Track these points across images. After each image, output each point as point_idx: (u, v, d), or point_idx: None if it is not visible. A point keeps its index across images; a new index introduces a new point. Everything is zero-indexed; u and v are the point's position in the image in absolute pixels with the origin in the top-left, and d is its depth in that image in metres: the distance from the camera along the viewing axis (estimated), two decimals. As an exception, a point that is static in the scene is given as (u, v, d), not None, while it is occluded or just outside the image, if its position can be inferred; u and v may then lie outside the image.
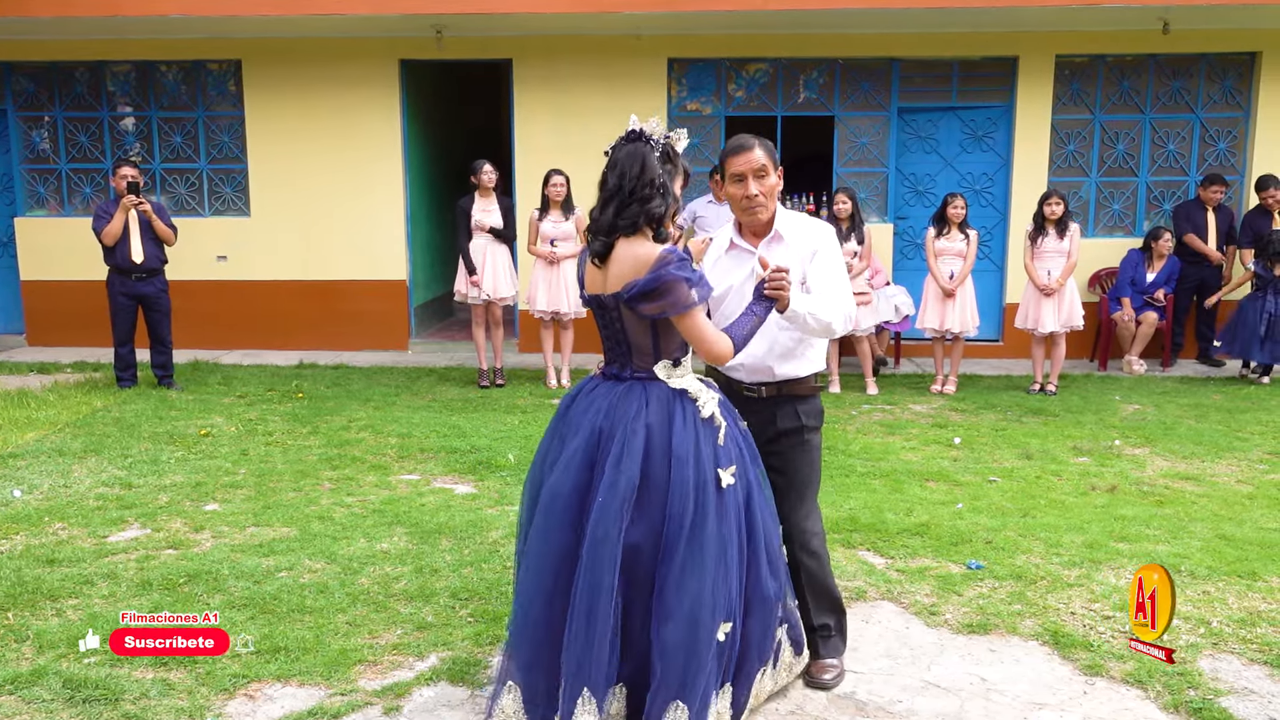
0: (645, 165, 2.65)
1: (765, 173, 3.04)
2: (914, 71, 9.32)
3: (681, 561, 2.57)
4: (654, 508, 2.60)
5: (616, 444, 2.62)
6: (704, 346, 2.68)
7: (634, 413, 2.65)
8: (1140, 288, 8.70)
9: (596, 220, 2.70)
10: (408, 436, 6.27)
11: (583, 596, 2.56)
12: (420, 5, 8.40)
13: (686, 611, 2.56)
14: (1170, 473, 5.65)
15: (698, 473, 2.62)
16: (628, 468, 2.58)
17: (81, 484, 5.25)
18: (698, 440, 2.65)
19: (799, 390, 3.12)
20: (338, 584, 3.95)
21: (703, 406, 2.70)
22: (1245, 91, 9.24)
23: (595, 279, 2.75)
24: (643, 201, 2.63)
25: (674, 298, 2.60)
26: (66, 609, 3.71)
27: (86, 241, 7.84)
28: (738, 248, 3.15)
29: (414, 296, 9.91)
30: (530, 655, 2.66)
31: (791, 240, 3.10)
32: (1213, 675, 3.30)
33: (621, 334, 2.73)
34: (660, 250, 2.63)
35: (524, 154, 9.36)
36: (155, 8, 8.47)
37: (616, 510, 2.56)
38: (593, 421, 2.68)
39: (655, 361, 2.73)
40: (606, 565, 2.55)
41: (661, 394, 2.69)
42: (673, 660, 2.55)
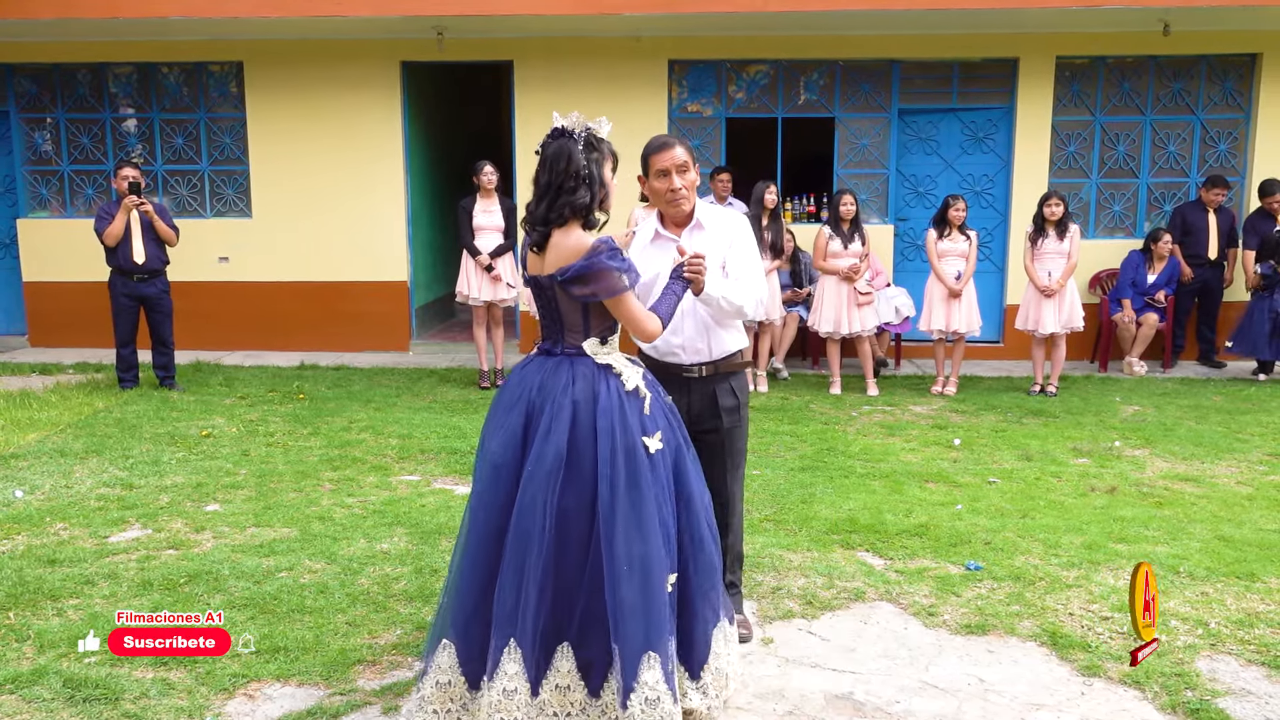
0: (570, 159, 2.81)
1: (686, 168, 3.31)
2: (914, 73, 9.34)
3: (624, 524, 2.71)
4: (584, 475, 2.75)
5: (545, 418, 2.78)
6: (636, 326, 2.88)
7: (561, 387, 2.81)
8: (1141, 289, 8.70)
9: (532, 213, 2.88)
10: (408, 437, 6.29)
11: (511, 557, 2.71)
12: (421, 7, 8.42)
13: (638, 570, 2.69)
14: (1170, 474, 5.65)
15: (626, 440, 2.77)
16: (555, 440, 2.74)
17: (83, 484, 5.26)
18: (623, 410, 2.80)
19: (732, 367, 3.42)
20: (338, 584, 3.96)
21: (626, 380, 2.85)
22: (1246, 93, 9.24)
23: (534, 263, 2.93)
24: (569, 193, 2.81)
25: (606, 284, 2.79)
26: (67, 609, 3.72)
27: (88, 242, 7.86)
28: (662, 237, 3.41)
29: (415, 298, 9.92)
30: (465, 616, 2.79)
31: (711, 229, 3.37)
32: (1210, 676, 3.30)
33: (556, 312, 2.89)
34: (593, 240, 2.82)
35: (525, 155, 9.37)
36: (156, 9, 8.49)
37: (543, 479, 2.71)
38: (527, 396, 2.84)
39: (585, 338, 2.89)
40: (535, 530, 2.70)
41: (587, 369, 2.85)
42: (633, 617, 2.68)
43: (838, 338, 7.94)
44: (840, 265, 7.78)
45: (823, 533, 4.59)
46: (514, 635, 2.69)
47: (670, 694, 2.69)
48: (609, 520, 2.70)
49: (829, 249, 7.81)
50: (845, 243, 7.78)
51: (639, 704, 2.66)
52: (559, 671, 2.74)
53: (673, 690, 2.70)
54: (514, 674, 2.69)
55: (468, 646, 2.79)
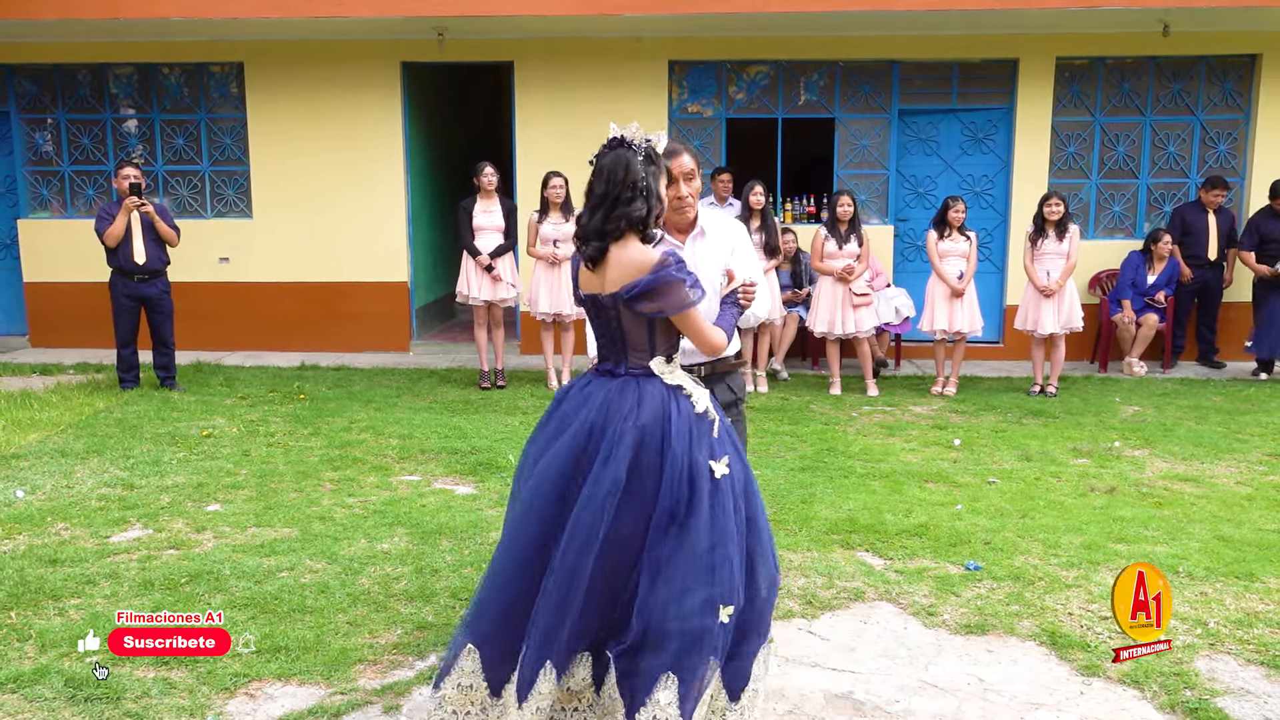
0: (629, 169, 2.75)
1: (693, 176, 3.31)
2: (914, 74, 9.34)
3: (671, 549, 2.66)
4: (645, 500, 2.69)
5: (607, 441, 2.71)
6: (703, 339, 2.82)
7: (627, 410, 2.74)
8: (1141, 290, 8.71)
9: (584, 226, 2.80)
10: (409, 437, 6.29)
11: (558, 579, 2.65)
12: (421, 8, 8.43)
13: (676, 596, 2.64)
14: (1169, 474, 5.66)
15: (691, 466, 2.71)
16: (614, 467, 2.67)
17: (84, 485, 5.27)
18: (691, 435, 2.74)
19: (727, 368, 3.42)
20: (338, 584, 3.96)
21: (696, 402, 2.80)
22: (1245, 93, 9.25)
23: (591, 280, 2.85)
24: (625, 204, 2.74)
25: (674, 298, 2.72)
26: (69, 609, 3.73)
27: (89, 243, 7.86)
28: (666, 243, 3.38)
29: (415, 298, 9.93)
30: (493, 625, 2.75)
31: (713, 236, 3.39)
32: (1209, 676, 3.31)
33: (618, 332, 2.81)
34: (659, 254, 2.75)
35: (525, 156, 9.38)
36: (157, 10, 8.50)
37: (600, 503, 2.65)
38: (586, 416, 2.77)
39: (650, 357, 2.82)
40: (588, 551, 2.64)
41: (656, 391, 2.78)
42: (669, 637, 2.63)
43: (834, 338, 7.95)
44: (834, 266, 7.80)
45: (822, 533, 4.60)
46: (551, 658, 2.65)
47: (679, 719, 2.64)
48: (656, 543, 2.65)
49: (825, 250, 7.84)
50: (841, 244, 7.80)
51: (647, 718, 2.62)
52: (573, 677, 2.73)
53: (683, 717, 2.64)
54: (546, 693, 2.67)
55: (493, 652, 2.75)
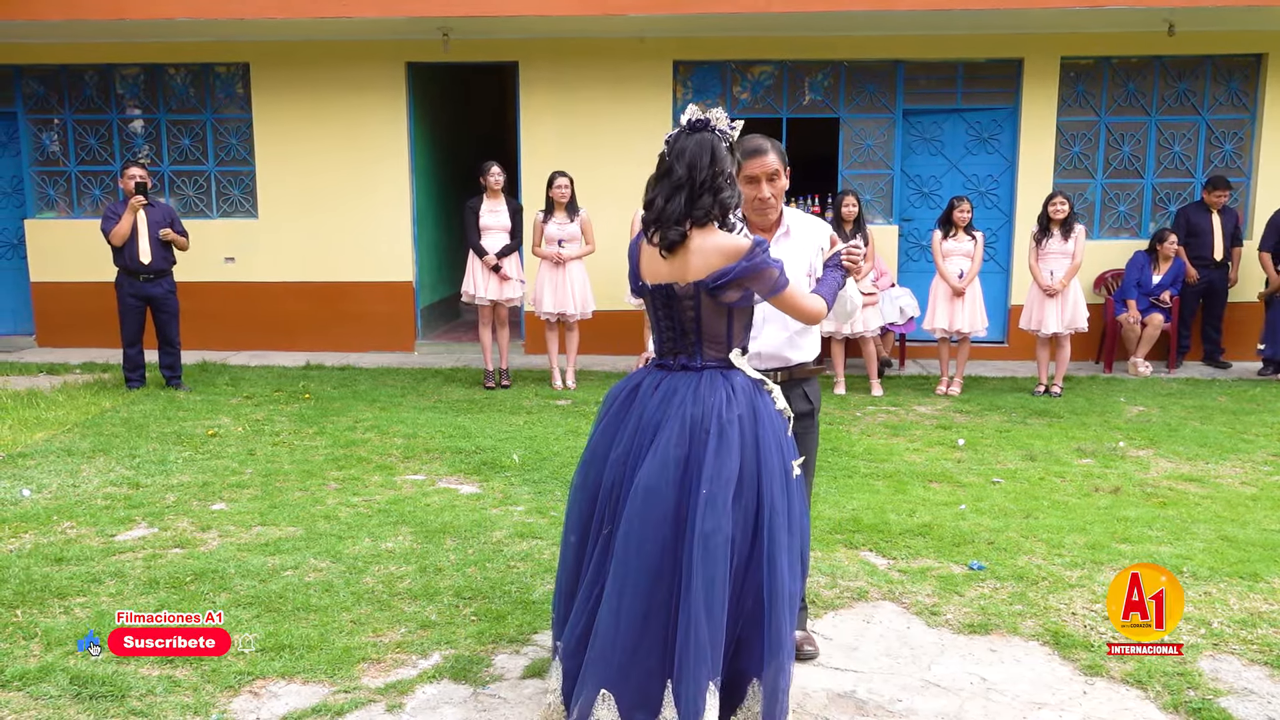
0: (715, 154, 2.63)
1: (777, 176, 3.15)
2: (919, 74, 9.34)
3: (785, 549, 2.62)
4: (747, 499, 2.60)
5: (714, 435, 2.57)
6: (803, 312, 2.78)
7: (724, 401, 2.62)
8: (1146, 289, 8.70)
9: (662, 209, 2.64)
10: (413, 437, 6.31)
11: (700, 591, 2.49)
12: (426, 8, 8.44)
13: (786, 596, 2.62)
14: (1174, 474, 5.65)
15: (783, 465, 2.67)
16: (729, 461, 2.55)
17: (90, 483, 5.29)
18: (778, 431, 2.70)
19: (806, 374, 3.28)
20: (343, 583, 3.97)
21: (776, 399, 2.76)
22: (1251, 93, 9.23)
23: (661, 269, 2.70)
24: (715, 192, 2.62)
25: (769, 282, 2.67)
26: (74, 607, 3.75)
27: (95, 243, 7.89)
28: None
29: (420, 298, 9.95)
30: (626, 659, 2.54)
31: (799, 236, 3.27)
32: (1213, 676, 3.30)
33: (694, 322, 2.69)
34: (750, 240, 2.66)
35: (529, 156, 9.39)
36: (163, 11, 8.52)
37: (723, 503, 2.52)
38: (684, 411, 2.62)
39: (729, 350, 2.73)
40: (719, 558, 2.51)
41: (743, 384, 2.70)
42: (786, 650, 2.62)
43: (840, 338, 7.95)
44: None
45: (826, 532, 4.60)
46: (711, 677, 2.49)
47: None
48: (774, 550, 2.58)
49: None
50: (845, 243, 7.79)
51: None
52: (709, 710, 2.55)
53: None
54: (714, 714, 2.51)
55: (630, 694, 2.53)
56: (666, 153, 2.69)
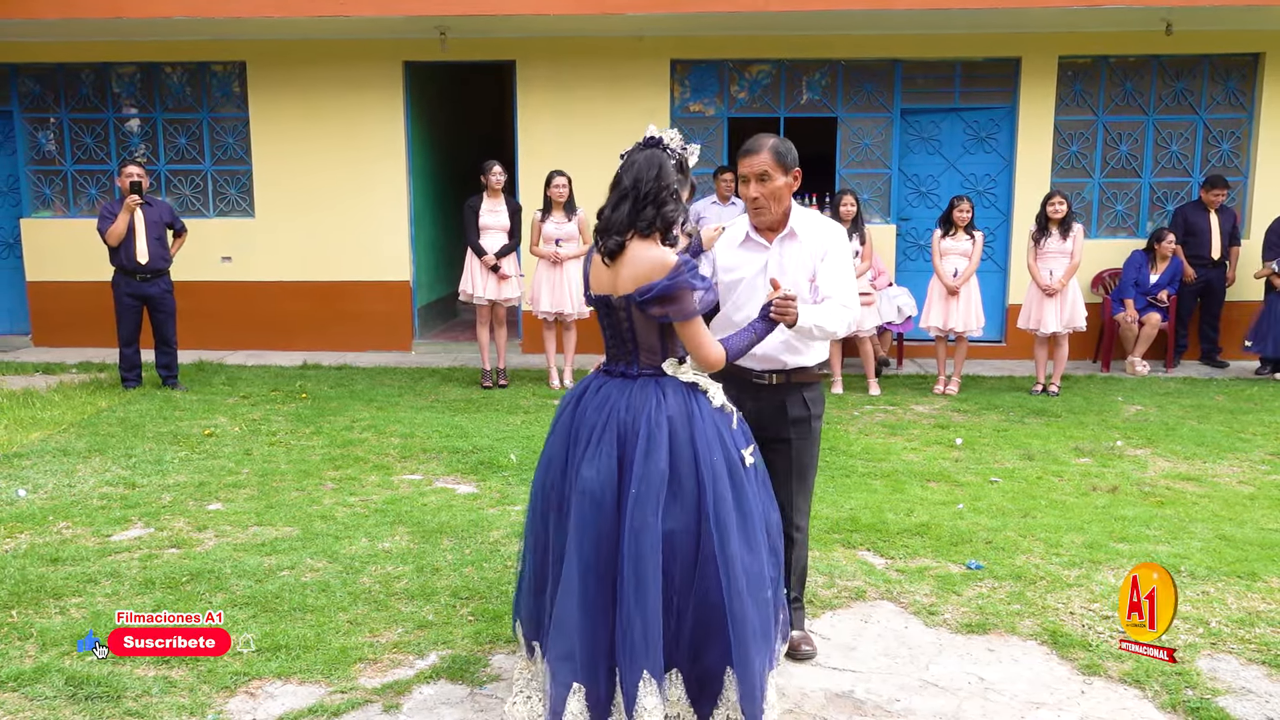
0: (662, 170, 2.75)
1: (768, 176, 3.11)
2: (917, 73, 9.33)
3: (737, 540, 2.66)
4: (686, 496, 2.67)
5: (642, 438, 2.67)
6: (700, 352, 2.76)
7: (654, 405, 2.72)
8: (1144, 289, 8.70)
9: (608, 218, 2.76)
10: (410, 437, 6.30)
11: (629, 585, 2.60)
12: (424, 7, 8.43)
13: (754, 587, 2.67)
14: (1172, 473, 5.65)
15: (726, 456, 2.72)
16: (657, 461, 2.65)
17: (86, 483, 5.28)
18: (718, 426, 2.75)
19: (806, 378, 3.26)
20: (339, 583, 3.97)
21: (713, 397, 2.79)
22: (1249, 92, 9.23)
23: (604, 279, 2.79)
24: (658, 205, 2.72)
25: (682, 305, 2.68)
26: (70, 607, 3.74)
27: (92, 242, 7.87)
28: (752, 241, 3.25)
29: (417, 297, 9.93)
30: (589, 654, 2.65)
31: (805, 239, 3.20)
32: (1211, 675, 3.30)
33: (629, 333, 2.78)
34: (677, 258, 2.71)
35: (527, 155, 9.38)
36: (159, 9, 8.51)
37: (652, 500, 2.63)
38: (616, 418, 2.73)
39: (663, 359, 2.80)
40: (648, 552, 2.61)
41: (676, 387, 2.77)
42: (755, 640, 2.65)
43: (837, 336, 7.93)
44: None
45: (824, 532, 4.59)
46: (647, 668, 2.59)
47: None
48: (724, 537, 2.64)
49: None
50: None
51: None
52: (671, 701, 2.67)
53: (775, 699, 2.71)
54: (653, 708, 2.59)
55: (596, 688, 2.66)
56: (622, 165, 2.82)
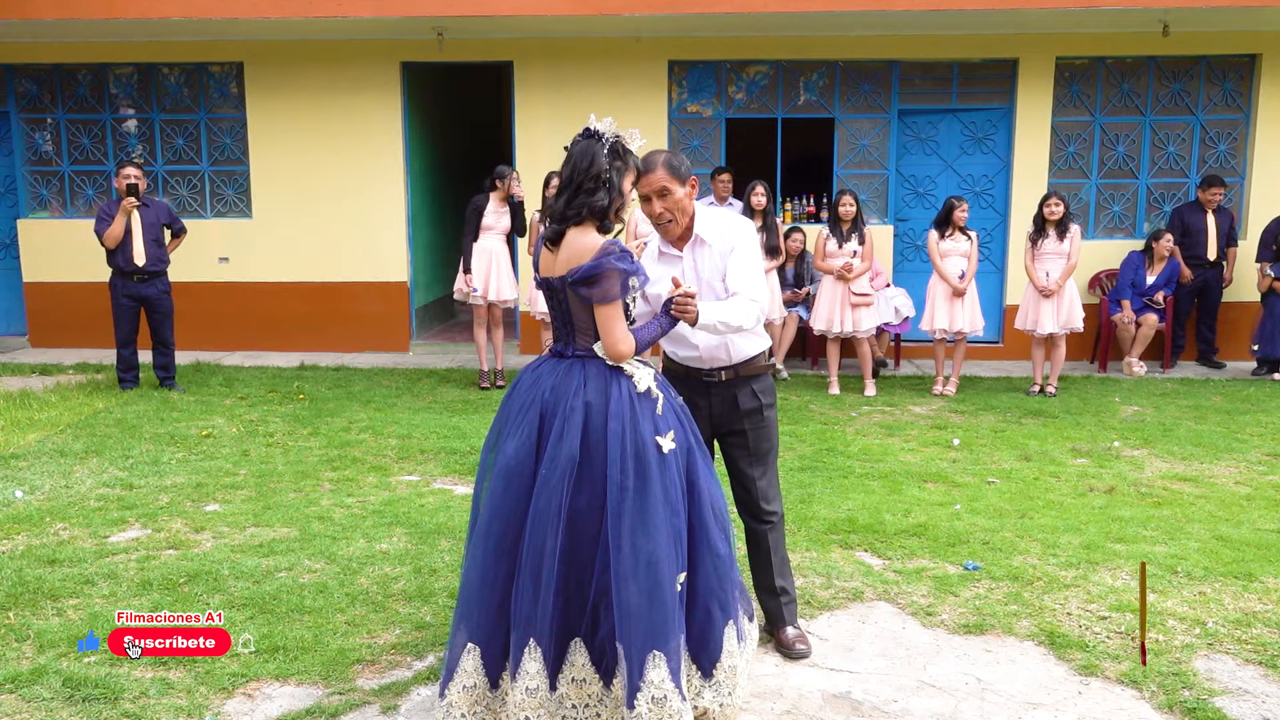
0: (594, 160, 2.84)
1: (667, 191, 3.21)
2: (914, 74, 9.34)
3: (631, 524, 2.72)
4: (596, 475, 2.76)
5: (558, 421, 2.79)
6: (609, 339, 2.83)
7: (574, 390, 2.82)
8: (1140, 289, 8.71)
9: (551, 208, 2.92)
10: (408, 438, 6.29)
11: (528, 560, 2.74)
12: (421, 8, 8.43)
13: (644, 571, 2.71)
14: (1169, 474, 5.66)
15: (636, 442, 2.77)
16: (568, 444, 2.75)
17: (83, 484, 5.27)
18: (635, 411, 2.81)
19: (753, 370, 3.38)
20: (337, 584, 3.96)
21: (638, 381, 2.85)
22: (1245, 93, 9.25)
23: (548, 262, 2.93)
24: (588, 194, 2.83)
25: (605, 286, 2.78)
26: (67, 609, 3.73)
27: (89, 243, 7.86)
28: (666, 254, 3.38)
29: (415, 298, 9.93)
30: (489, 620, 2.82)
31: (713, 241, 3.31)
32: (1208, 675, 3.31)
33: (567, 314, 2.91)
34: (604, 241, 2.83)
35: (525, 156, 9.38)
36: (157, 10, 8.50)
37: (557, 482, 2.73)
38: (540, 398, 2.85)
39: (595, 340, 2.89)
40: (549, 532, 2.72)
41: (599, 370, 2.86)
42: (638, 617, 2.70)
43: (833, 337, 7.96)
44: (833, 265, 7.82)
45: (821, 533, 4.60)
46: (533, 635, 2.73)
47: (677, 692, 2.71)
48: (616, 522, 2.72)
49: (826, 249, 7.87)
50: (841, 243, 7.82)
51: (645, 703, 2.67)
52: (574, 665, 2.77)
53: (679, 688, 2.72)
54: (535, 673, 2.73)
55: (491, 649, 2.82)
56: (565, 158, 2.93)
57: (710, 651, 2.90)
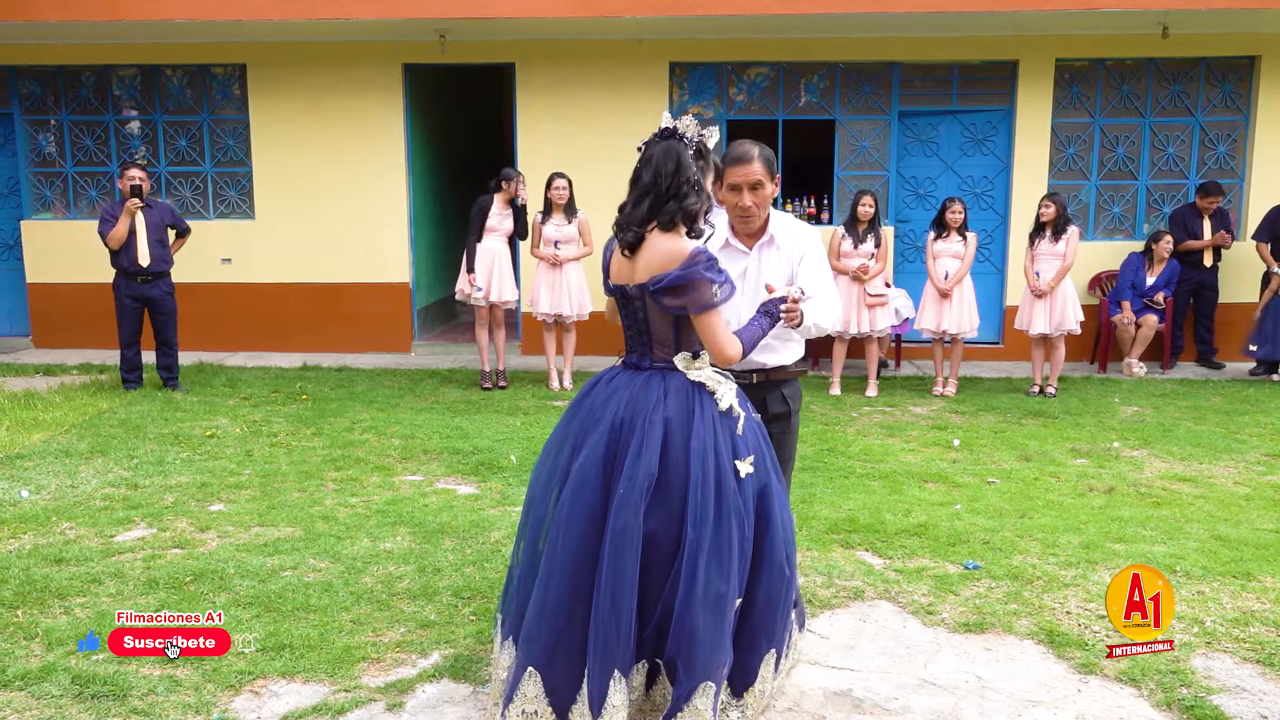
0: (681, 162, 2.70)
1: (760, 185, 3.12)
2: (914, 75, 9.37)
3: (708, 554, 2.62)
4: (673, 498, 2.65)
5: (636, 436, 2.67)
6: (716, 345, 2.72)
7: (653, 404, 2.70)
8: (1140, 291, 8.74)
9: (629, 214, 2.75)
10: (411, 438, 6.32)
11: (607, 585, 2.62)
12: (423, 10, 8.46)
13: (713, 601, 2.62)
14: (1168, 474, 5.68)
15: (717, 466, 2.67)
16: (646, 461, 2.64)
17: (88, 484, 5.30)
18: (716, 433, 2.70)
19: (784, 375, 3.29)
20: (342, 583, 3.99)
21: (720, 399, 2.74)
22: (1245, 95, 9.28)
23: (623, 269, 2.80)
24: (680, 199, 2.69)
25: (697, 295, 2.65)
26: (74, 607, 3.76)
27: (92, 244, 7.90)
28: (731, 247, 3.27)
29: (417, 299, 9.96)
30: (552, 642, 2.68)
31: (784, 244, 3.24)
32: (1206, 674, 3.33)
33: (644, 324, 2.78)
34: (693, 247, 2.68)
35: (526, 157, 9.41)
36: (160, 12, 8.53)
37: (635, 502, 2.62)
38: (614, 413, 2.73)
39: (675, 353, 2.79)
40: (628, 555, 2.62)
41: (680, 385, 2.74)
42: (701, 649, 2.62)
43: (846, 337, 7.99)
44: (849, 265, 7.86)
45: (822, 532, 4.62)
46: (618, 667, 2.63)
47: (713, 717, 2.68)
48: (694, 553, 2.62)
49: (841, 249, 7.90)
50: (857, 243, 7.86)
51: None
52: (633, 687, 2.73)
53: (714, 714, 2.68)
54: (619, 705, 2.64)
55: (553, 675, 2.68)
56: (639, 159, 2.79)
57: (746, 677, 2.85)
